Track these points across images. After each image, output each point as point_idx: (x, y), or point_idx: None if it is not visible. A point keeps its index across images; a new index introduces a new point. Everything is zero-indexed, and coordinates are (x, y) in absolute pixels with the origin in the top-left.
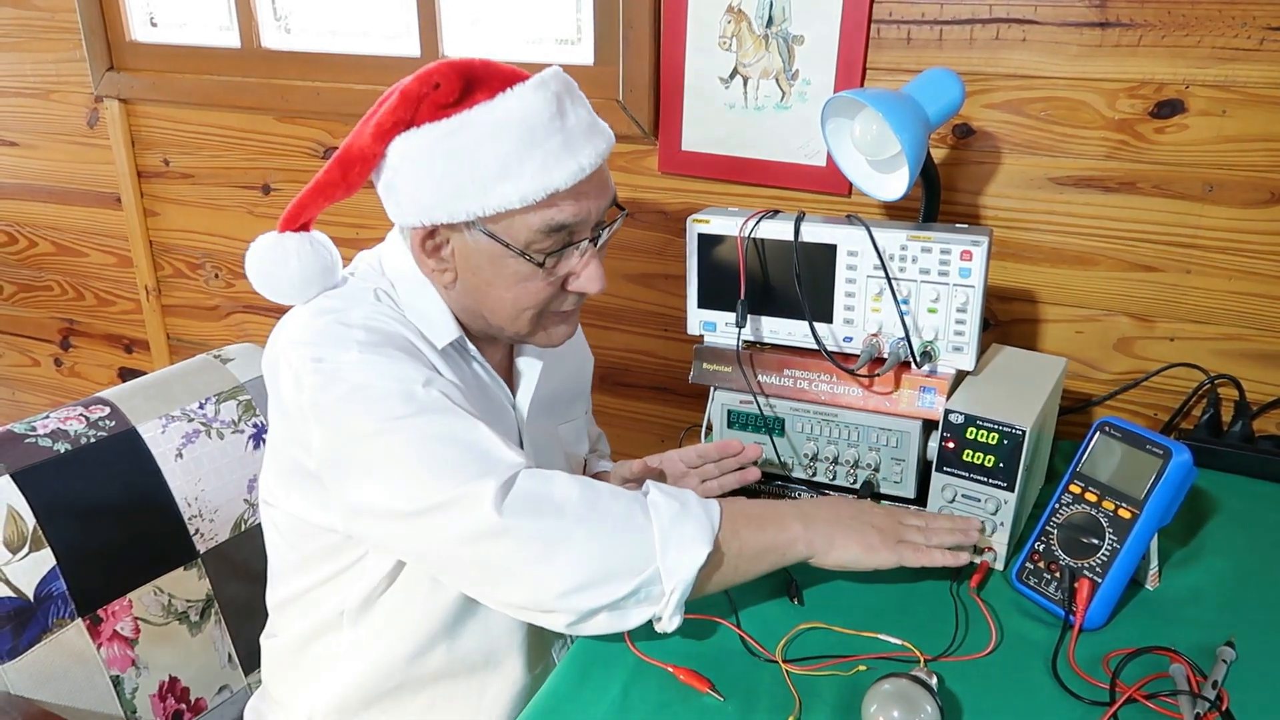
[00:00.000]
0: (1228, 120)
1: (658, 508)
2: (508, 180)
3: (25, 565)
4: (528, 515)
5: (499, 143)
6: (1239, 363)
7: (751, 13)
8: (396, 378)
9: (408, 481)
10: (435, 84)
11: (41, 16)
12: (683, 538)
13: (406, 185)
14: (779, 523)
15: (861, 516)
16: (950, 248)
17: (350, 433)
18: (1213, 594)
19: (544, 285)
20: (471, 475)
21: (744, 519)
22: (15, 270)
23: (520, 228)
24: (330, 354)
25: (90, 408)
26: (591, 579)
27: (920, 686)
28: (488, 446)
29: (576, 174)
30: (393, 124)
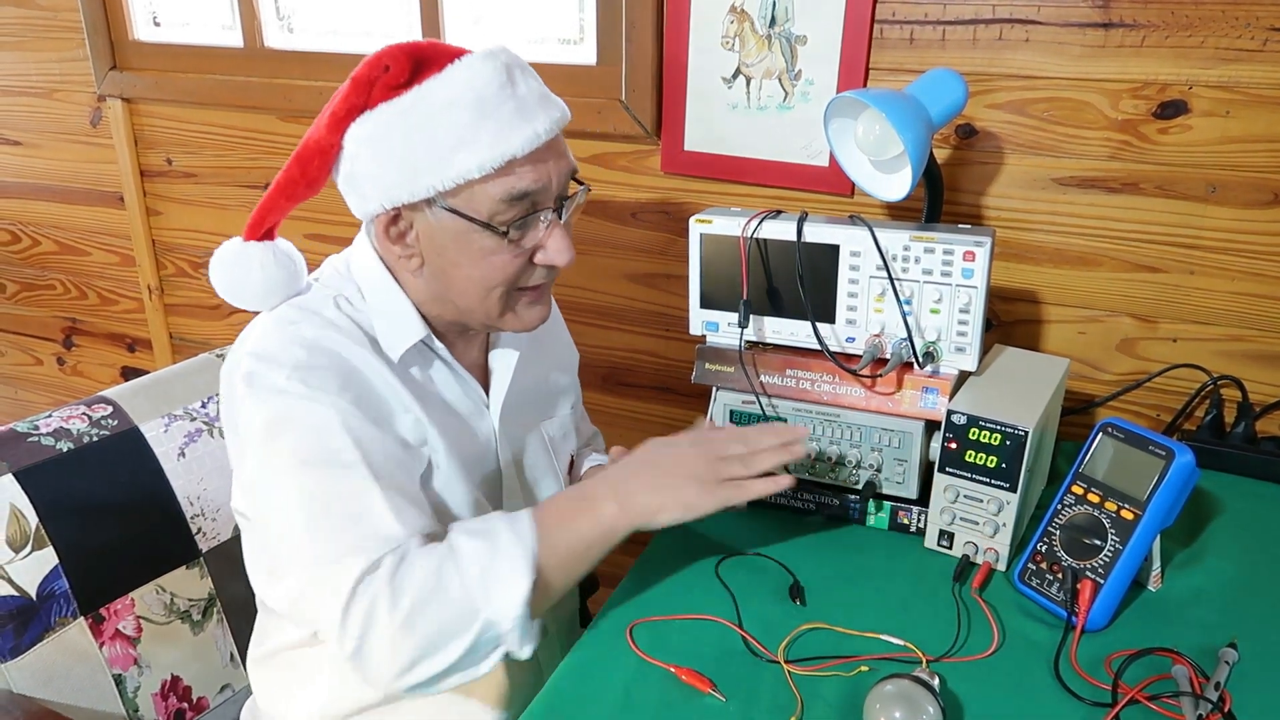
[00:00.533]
0: (1231, 121)
1: (467, 557)
2: (464, 150)
3: (28, 564)
4: (370, 614)
5: (453, 114)
6: (1242, 364)
7: (754, 13)
8: (312, 417)
9: (292, 531)
10: (385, 66)
11: (45, 15)
12: (500, 578)
13: (366, 170)
14: (592, 512)
15: (677, 469)
16: (953, 248)
17: (264, 464)
18: (1215, 595)
19: (510, 259)
20: (338, 552)
21: (557, 525)
22: (18, 269)
23: (481, 199)
24: (261, 371)
25: (93, 407)
26: (420, 656)
27: (922, 687)
28: (370, 515)
29: (533, 139)
30: (346, 111)
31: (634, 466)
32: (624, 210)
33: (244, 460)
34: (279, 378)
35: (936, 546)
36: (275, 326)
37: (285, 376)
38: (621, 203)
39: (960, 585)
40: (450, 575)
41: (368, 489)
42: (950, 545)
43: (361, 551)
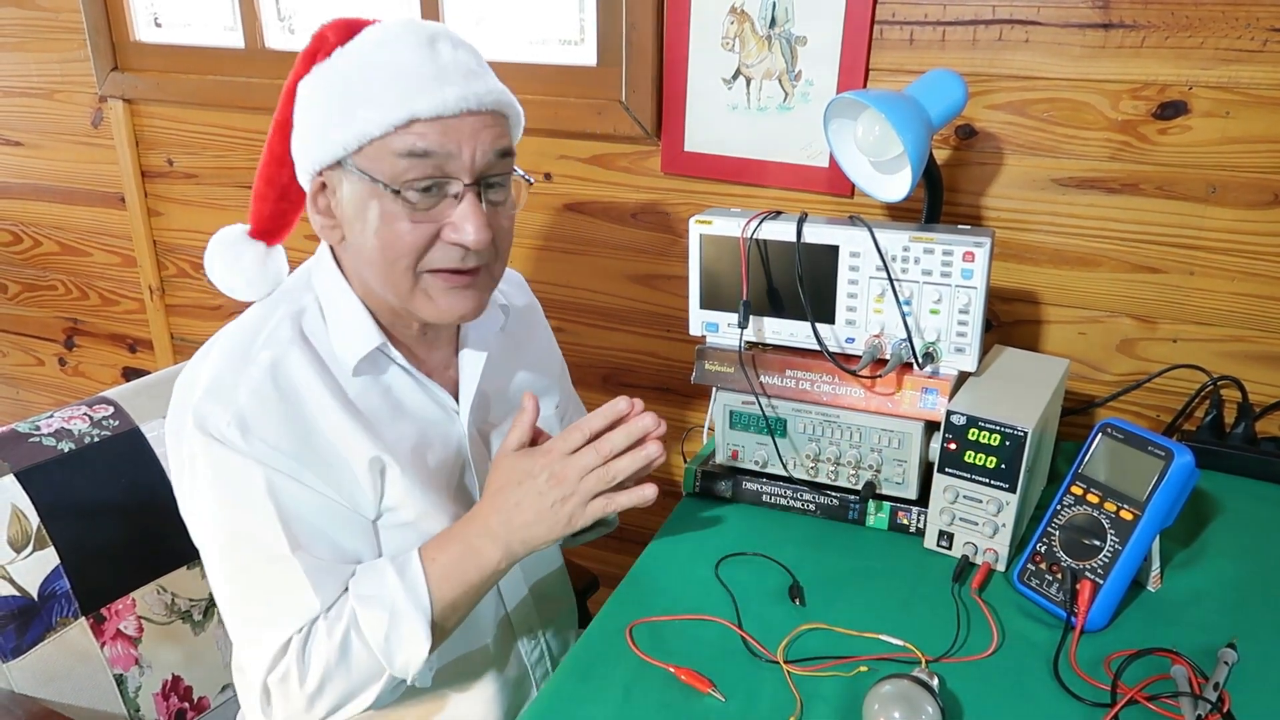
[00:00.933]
0: (1231, 122)
1: (370, 626)
2: (371, 104)
3: (29, 564)
4: (284, 685)
5: (366, 73)
6: (1242, 364)
7: (754, 13)
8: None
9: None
10: (325, 37)
11: (46, 16)
12: (402, 642)
13: (299, 137)
14: (477, 560)
15: (544, 500)
16: (953, 249)
17: (195, 512)
18: (1214, 596)
19: (411, 226)
20: (259, 622)
21: (447, 581)
22: (20, 270)
23: (384, 157)
24: (208, 415)
25: (94, 407)
26: (332, 711)
27: (921, 688)
28: (289, 590)
29: (441, 105)
30: (293, 82)
31: (506, 508)
32: (624, 211)
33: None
34: (220, 422)
35: (936, 547)
36: (226, 362)
37: (226, 423)
38: (622, 203)
39: (959, 585)
40: (355, 648)
41: (285, 562)
42: (949, 545)
43: (276, 626)
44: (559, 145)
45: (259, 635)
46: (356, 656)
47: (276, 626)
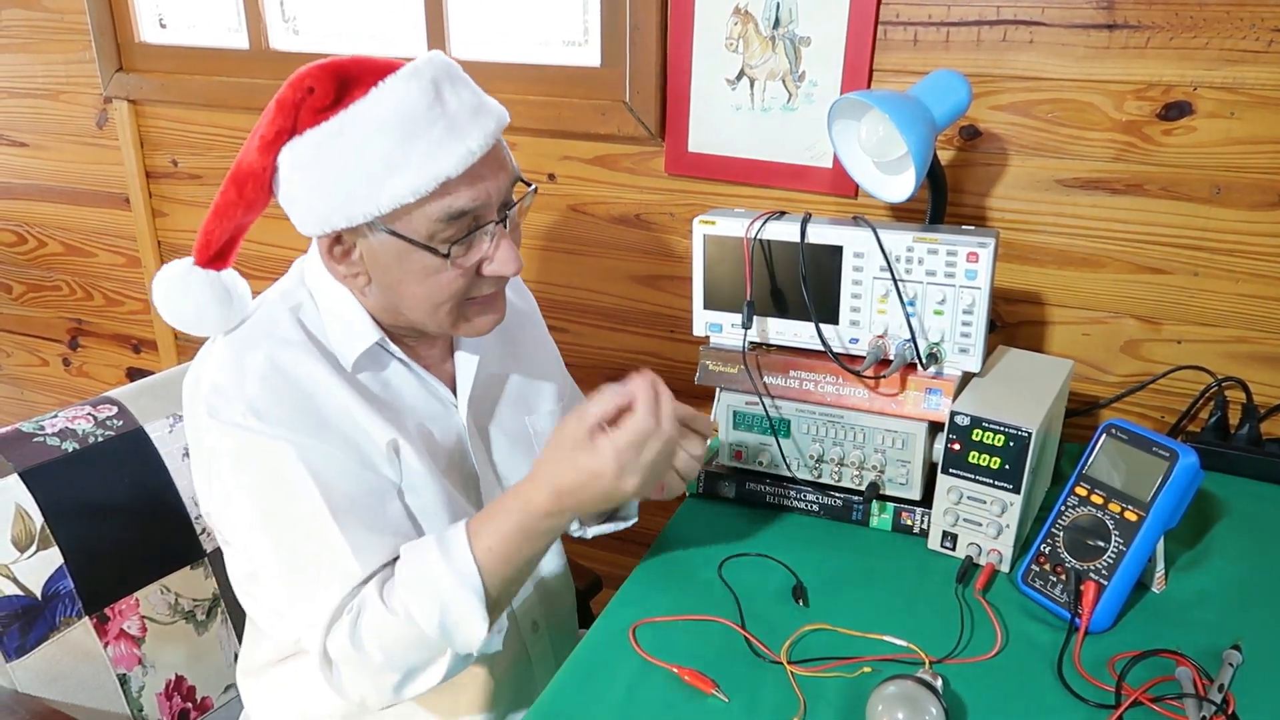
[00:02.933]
0: (1236, 122)
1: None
2: (395, 175)
3: (33, 564)
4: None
5: (380, 138)
6: (1246, 365)
7: (758, 14)
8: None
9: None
10: (309, 88)
11: (51, 18)
12: (458, 624)
13: (301, 194)
14: (533, 539)
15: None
16: (957, 249)
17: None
18: (1219, 597)
19: (455, 276)
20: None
21: (501, 561)
22: (24, 270)
23: (420, 220)
24: (223, 406)
25: (98, 407)
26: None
27: (925, 688)
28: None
29: (465, 159)
30: (275, 134)
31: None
32: (628, 212)
33: (212, 482)
34: (234, 413)
35: (940, 548)
36: (230, 355)
37: (241, 413)
38: (625, 204)
39: (963, 586)
40: (411, 634)
41: (326, 528)
42: (953, 546)
43: (324, 593)
44: (562, 146)
45: (306, 606)
46: (412, 642)
47: (322, 594)
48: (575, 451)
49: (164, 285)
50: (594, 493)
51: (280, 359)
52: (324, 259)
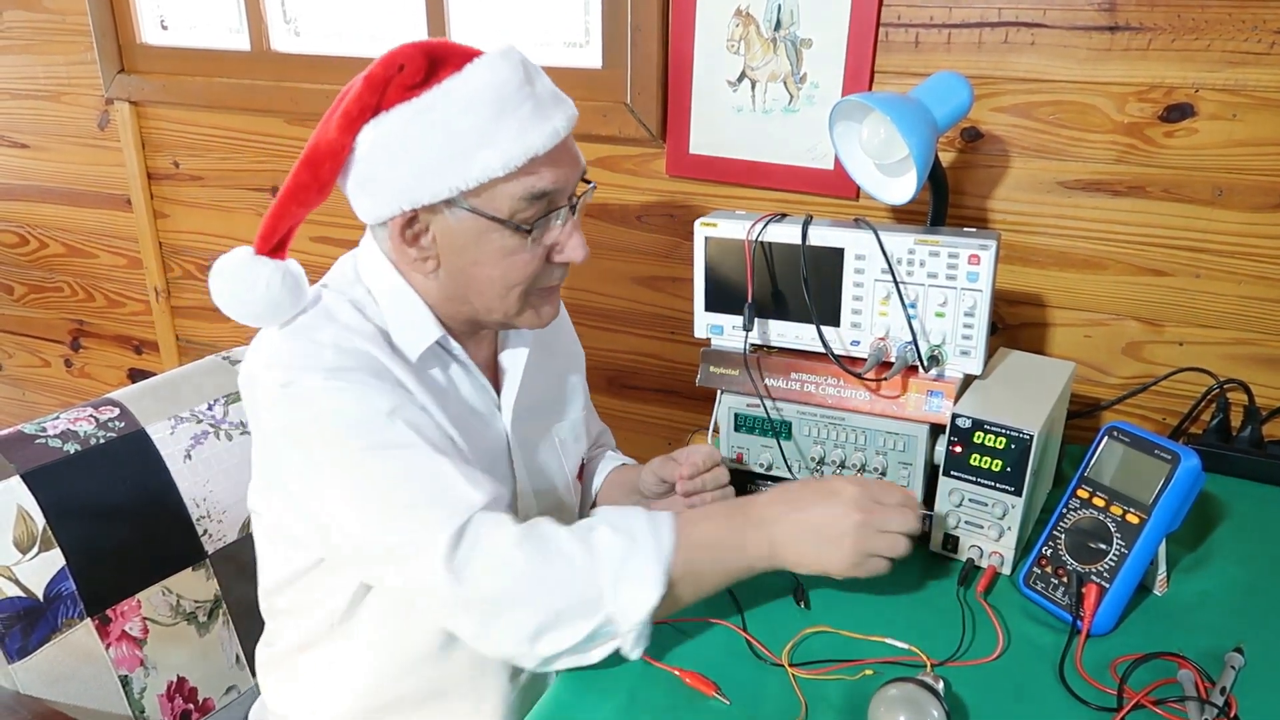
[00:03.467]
0: (1237, 124)
1: (606, 548)
2: (487, 147)
3: (35, 565)
4: (477, 572)
5: (474, 112)
6: (1248, 367)
7: (760, 16)
8: (362, 404)
9: (366, 521)
10: (400, 66)
11: (53, 19)
12: (632, 578)
13: (381, 173)
14: (739, 549)
15: (833, 531)
16: (958, 251)
17: (316, 462)
18: (1221, 600)
19: (530, 258)
20: (425, 520)
21: (701, 549)
22: (26, 271)
23: (503, 198)
24: (297, 378)
25: (100, 409)
26: (542, 629)
27: (927, 691)
28: (445, 485)
29: (552, 136)
30: (360, 111)
31: (789, 510)
32: (629, 213)
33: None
34: (316, 381)
35: (941, 550)
36: (293, 335)
37: (323, 379)
38: (627, 206)
39: (965, 589)
40: (584, 560)
41: (433, 460)
42: (955, 549)
43: (448, 517)
44: None
45: (418, 540)
46: (579, 573)
47: (446, 520)
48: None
49: (226, 273)
50: (817, 515)
51: (349, 340)
52: (392, 242)
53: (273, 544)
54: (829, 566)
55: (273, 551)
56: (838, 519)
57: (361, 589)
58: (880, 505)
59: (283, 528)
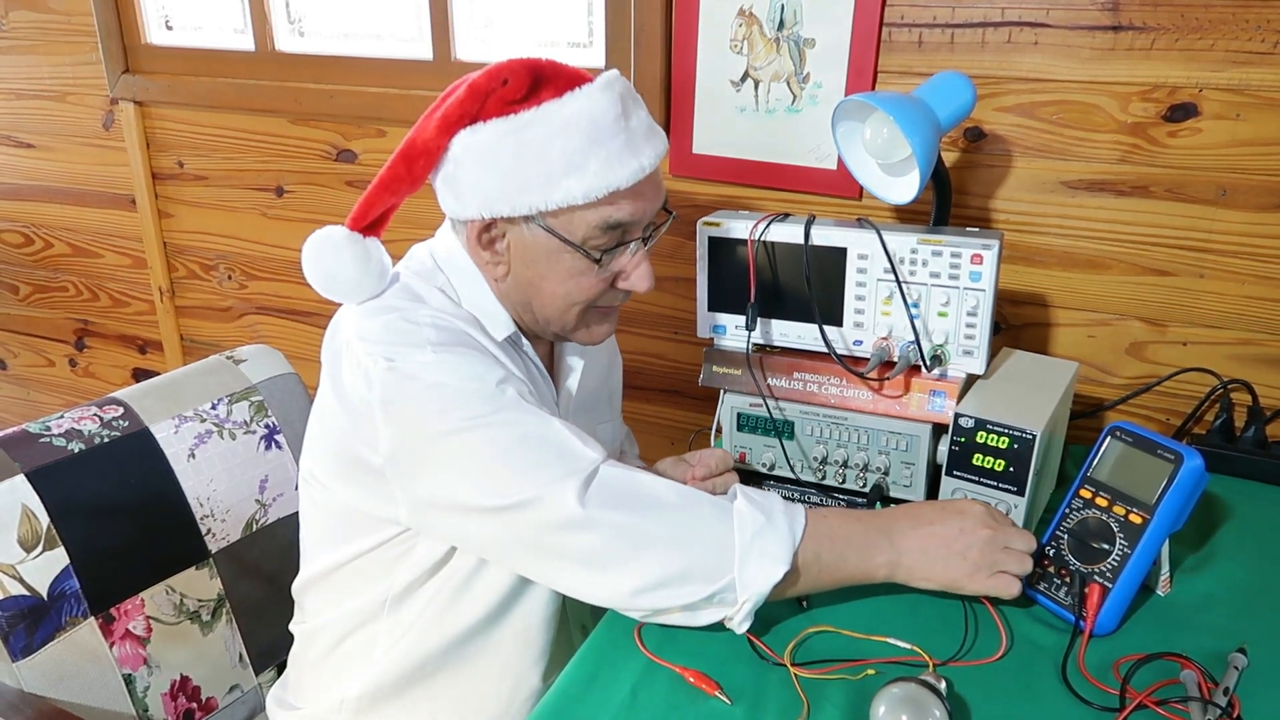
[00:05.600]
0: (1241, 124)
1: (742, 517)
2: (573, 176)
3: (39, 564)
4: (611, 509)
5: (567, 139)
6: (1252, 368)
7: (763, 16)
8: (473, 376)
9: (489, 479)
10: (504, 80)
11: (58, 20)
12: (763, 553)
13: (469, 178)
14: (865, 551)
15: (960, 545)
16: (961, 251)
17: (427, 432)
18: (1225, 600)
19: (596, 281)
20: (554, 473)
21: (829, 541)
22: (31, 271)
23: (579, 223)
24: (404, 354)
25: (104, 408)
26: (667, 580)
27: (929, 691)
28: (567, 443)
29: (637, 173)
30: (459, 117)
31: (918, 523)
32: None
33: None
34: (425, 356)
35: None
36: (387, 314)
37: (432, 353)
38: None
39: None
40: (719, 524)
41: (549, 422)
42: None
43: (572, 472)
44: None
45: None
46: (716, 537)
47: (574, 472)
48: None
49: (317, 247)
50: (945, 530)
51: (446, 319)
52: (469, 243)
53: (330, 528)
54: (958, 577)
55: (330, 535)
56: (965, 533)
57: (421, 576)
58: (1006, 524)
59: (355, 509)
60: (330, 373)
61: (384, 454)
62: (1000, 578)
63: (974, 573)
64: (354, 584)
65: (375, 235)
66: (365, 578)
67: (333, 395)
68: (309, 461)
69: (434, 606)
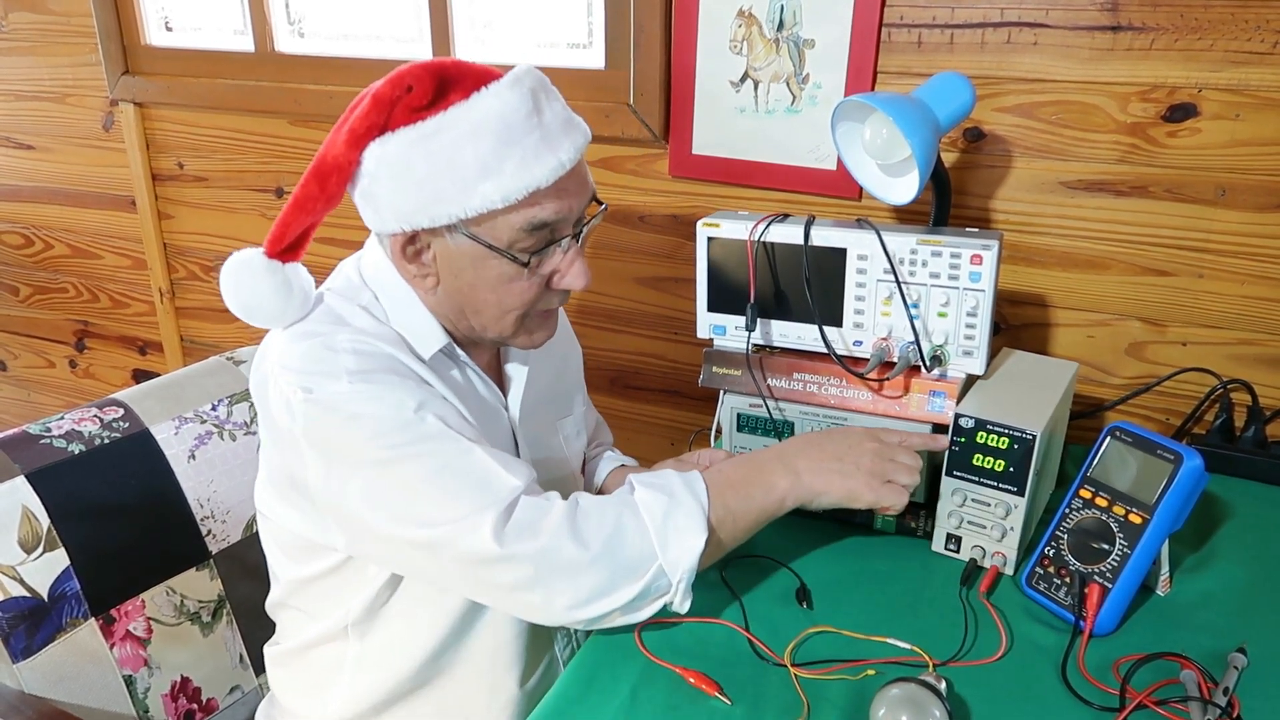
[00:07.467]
0: (1240, 124)
1: (647, 506)
2: (488, 180)
3: (39, 565)
4: (529, 538)
5: (478, 143)
6: (1252, 368)
7: (762, 16)
8: (392, 404)
9: (409, 512)
10: (408, 86)
11: (58, 21)
12: (678, 530)
13: (384, 192)
14: (765, 484)
15: (849, 456)
16: (960, 252)
17: (347, 464)
18: (1224, 600)
19: (528, 285)
20: (470, 505)
21: (730, 489)
22: (31, 272)
23: (502, 228)
24: (321, 384)
25: (104, 409)
26: (598, 591)
27: (929, 691)
28: (485, 473)
29: (557, 170)
30: (366, 129)
31: (806, 446)
32: (632, 214)
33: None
34: (341, 385)
35: (944, 550)
36: (307, 340)
37: (347, 383)
38: (629, 206)
39: (967, 589)
40: (630, 521)
41: (469, 450)
42: (957, 549)
43: (490, 504)
44: None
45: (465, 522)
46: (630, 533)
47: (491, 504)
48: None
49: (233, 271)
50: (833, 445)
51: (366, 342)
52: (394, 258)
53: (284, 550)
54: (855, 487)
55: (285, 558)
56: (854, 446)
57: (380, 594)
58: (892, 438)
59: (298, 535)
60: (259, 399)
61: (312, 484)
62: (891, 487)
63: (869, 481)
64: (316, 607)
65: (295, 258)
66: (326, 600)
67: (264, 423)
68: (258, 488)
69: (398, 626)
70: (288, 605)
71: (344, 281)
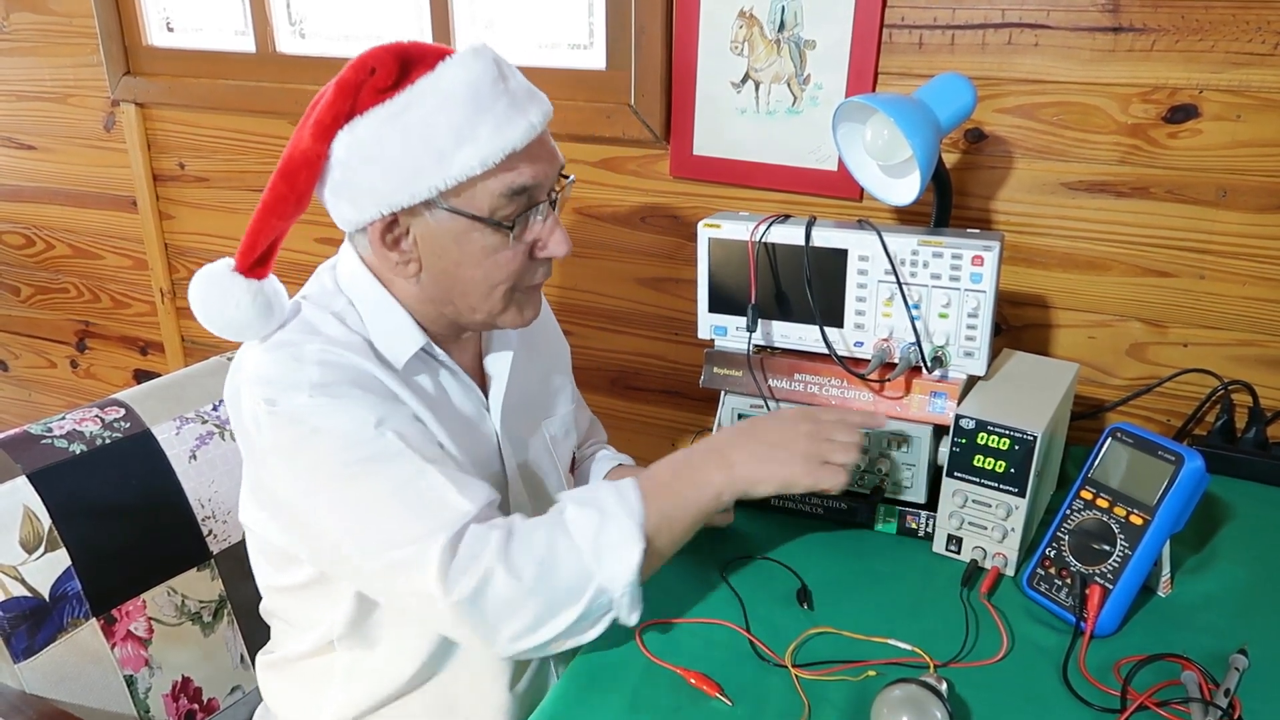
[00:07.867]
0: (1241, 125)
1: (578, 524)
2: (466, 146)
3: (40, 565)
4: (467, 577)
5: (451, 111)
6: (1253, 368)
7: (763, 17)
8: (350, 420)
9: (359, 534)
10: (371, 69)
11: (59, 22)
12: (612, 545)
13: (359, 177)
14: (699, 482)
15: (783, 442)
16: (962, 253)
17: (306, 476)
18: (1225, 601)
19: (513, 255)
20: (418, 534)
21: (664, 493)
22: (32, 272)
23: (482, 195)
24: (283, 396)
25: (105, 409)
26: (537, 620)
27: (930, 692)
28: (436, 496)
29: (529, 131)
30: (333, 119)
31: (740, 436)
32: (633, 214)
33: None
34: (302, 399)
35: (945, 551)
36: (278, 351)
37: (308, 395)
38: (630, 207)
39: (968, 590)
40: (562, 544)
41: (423, 471)
42: (958, 550)
43: (440, 529)
44: (567, 149)
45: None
46: (563, 557)
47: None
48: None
49: (202, 287)
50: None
51: (334, 353)
52: (373, 247)
53: (267, 559)
54: (790, 474)
55: (268, 566)
56: (788, 430)
57: (362, 608)
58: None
59: (278, 545)
60: (233, 409)
61: (280, 495)
62: (828, 468)
63: (806, 465)
64: (299, 619)
65: (264, 273)
66: (308, 612)
67: (238, 432)
68: (242, 496)
69: (388, 638)
70: (275, 615)
71: (319, 289)
